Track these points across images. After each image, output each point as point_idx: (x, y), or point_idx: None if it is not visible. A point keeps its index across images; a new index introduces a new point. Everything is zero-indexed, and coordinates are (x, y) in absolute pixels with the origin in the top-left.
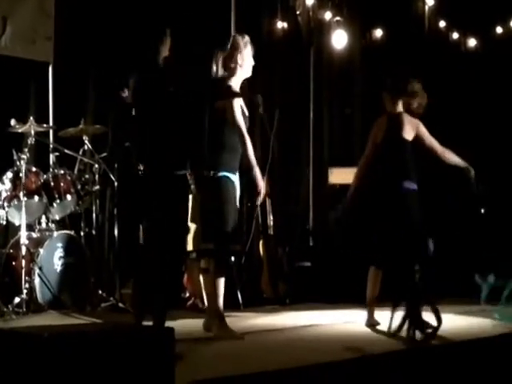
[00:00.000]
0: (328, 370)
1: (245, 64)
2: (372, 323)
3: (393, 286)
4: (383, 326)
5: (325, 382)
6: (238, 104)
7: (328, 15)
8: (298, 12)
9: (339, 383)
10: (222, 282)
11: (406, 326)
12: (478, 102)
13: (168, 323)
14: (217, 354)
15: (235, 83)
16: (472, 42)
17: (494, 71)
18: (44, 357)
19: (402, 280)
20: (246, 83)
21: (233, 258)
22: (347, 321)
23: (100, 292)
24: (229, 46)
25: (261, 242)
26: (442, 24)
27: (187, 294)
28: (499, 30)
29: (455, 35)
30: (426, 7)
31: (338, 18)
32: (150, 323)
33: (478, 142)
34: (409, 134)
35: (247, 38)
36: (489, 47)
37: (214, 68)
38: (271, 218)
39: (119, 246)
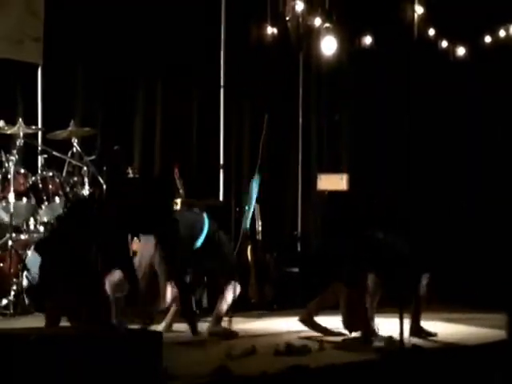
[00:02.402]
0: (314, 375)
1: None
2: None
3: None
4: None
5: None
6: None
7: (317, 21)
8: (287, 18)
9: None
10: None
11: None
12: (466, 111)
13: (155, 327)
14: (203, 359)
15: None
16: (461, 51)
17: (483, 80)
18: (31, 359)
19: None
20: None
21: None
22: (334, 327)
23: None
24: None
25: (249, 248)
26: (432, 32)
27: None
28: (488, 39)
29: (444, 44)
30: (416, 15)
31: (327, 25)
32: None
33: (464, 149)
34: None
35: None
36: (477, 56)
37: None
38: (259, 223)
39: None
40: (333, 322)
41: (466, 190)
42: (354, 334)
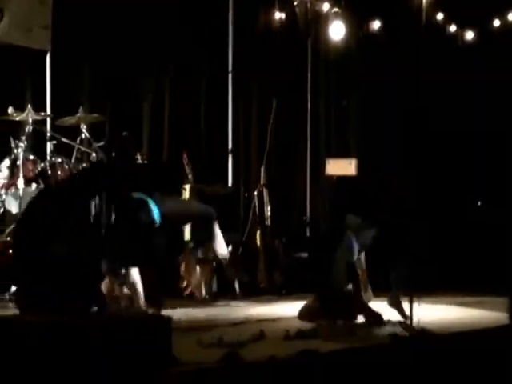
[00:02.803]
0: (323, 360)
1: None
2: None
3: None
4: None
5: (319, 371)
6: None
7: (326, 6)
8: (295, 3)
9: (334, 373)
10: None
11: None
12: (474, 95)
13: (166, 312)
14: (214, 343)
15: None
16: (469, 35)
17: (491, 64)
18: (41, 344)
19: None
20: None
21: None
22: None
23: None
24: None
25: (258, 233)
26: (440, 16)
27: (184, 284)
28: (496, 23)
29: (453, 28)
30: None
31: (335, 10)
32: None
33: (471, 132)
34: None
35: None
36: (486, 40)
37: None
38: (268, 208)
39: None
40: None
41: (473, 174)
42: (361, 320)
